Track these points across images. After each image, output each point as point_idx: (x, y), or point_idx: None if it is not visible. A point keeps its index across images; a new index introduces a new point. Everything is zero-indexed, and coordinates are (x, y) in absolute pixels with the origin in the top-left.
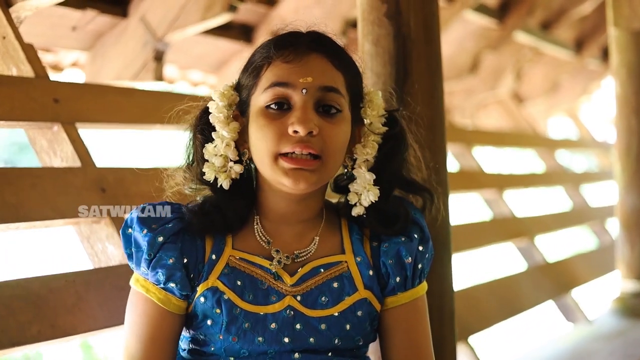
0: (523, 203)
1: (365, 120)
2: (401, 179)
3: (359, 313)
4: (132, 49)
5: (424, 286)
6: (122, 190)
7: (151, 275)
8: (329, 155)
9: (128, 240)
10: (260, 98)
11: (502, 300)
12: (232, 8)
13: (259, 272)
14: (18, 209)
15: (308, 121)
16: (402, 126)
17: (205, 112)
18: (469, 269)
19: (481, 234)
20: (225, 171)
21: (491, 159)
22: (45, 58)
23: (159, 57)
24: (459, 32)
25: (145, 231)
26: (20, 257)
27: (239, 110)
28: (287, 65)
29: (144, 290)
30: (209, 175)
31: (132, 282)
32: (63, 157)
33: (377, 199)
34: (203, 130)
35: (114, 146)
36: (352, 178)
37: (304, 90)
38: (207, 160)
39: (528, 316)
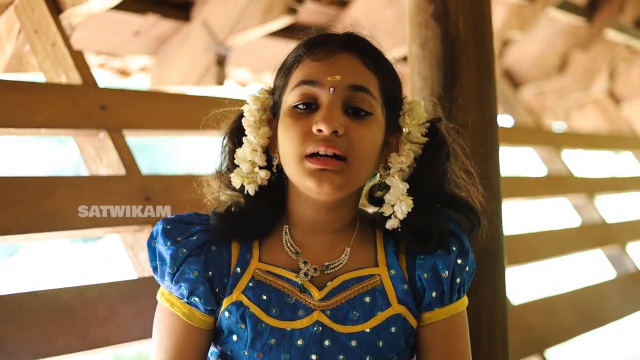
0: (615, 208)
1: (403, 128)
2: (440, 194)
3: (393, 329)
4: (195, 54)
5: (463, 302)
6: (168, 198)
7: (175, 289)
8: (355, 158)
9: (153, 253)
10: (289, 98)
11: (585, 311)
12: (291, 11)
13: (286, 286)
14: (55, 217)
15: (333, 119)
16: (443, 137)
17: (241, 116)
18: (551, 278)
19: (567, 241)
20: (252, 177)
21: (583, 162)
22: (112, 63)
23: (220, 61)
24: (546, 31)
25: (168, 244)
26: (66, 267)
27: (272, 113)
28: (316, 64)
29: (168, 304)
30: (236, 181)
31: (158, 296)
32: (109, 164)
33: (410, 210)
34: (235, 135)
35: (165, 152)
36: (387, 188)
37: (331, 89)
38: (238, 166)
39: (614, 329)
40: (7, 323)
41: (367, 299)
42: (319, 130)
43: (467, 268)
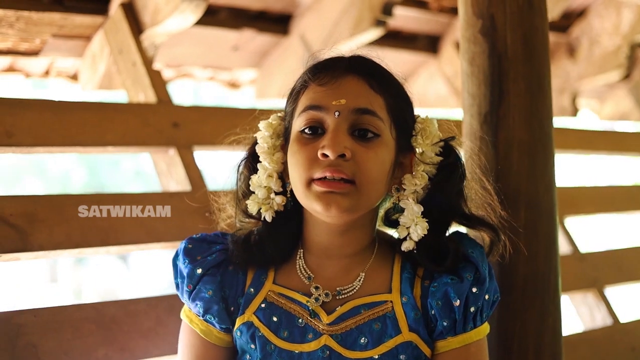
0: None
1: (416, 149)
2: (455, 212)
3: (402, 357)
4: (292, 67)
5: (480, 331)
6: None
7: (193, 307)
8: (363, 180)
9: (176, 270)
10: (296, 123)
11: None
12: (379, 23)
13: (296, 309)
14: (109, 233)
15: (338, 144)
16: (457, 155)
17: (255, 143)
18: None
19: None
20: (268, 203)
21: None
22: (221, 76)
23: None
24: None
25: (186, 262)
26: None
27: (285, 139)
28: (321, 89)
29: (188, 320)
30: (252, 208)
31: (181, 312)
32: (178, 180)
33: (426, 233)
34: (250, 162)
35: None
36: (401, 211)
37: (336, 113)
38: (253, 193)
39: None
40: (47, 335)
41: (377, 325)
42: (325, 155)
43: (487, 296)
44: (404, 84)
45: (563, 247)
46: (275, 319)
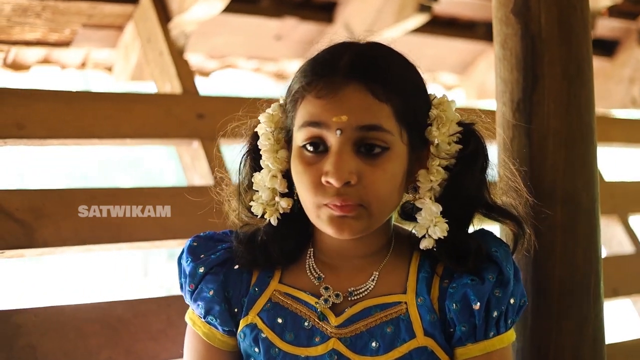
0: None
1: (433, 140)
2: (477, 204)
3: None
4: None
5: (504, 338)
6: None
7: (195, 308)
8: (373, 204)
9: (180, 269)
10: (297, 136)
11: None
12: (424, 8)
13: (303, 310)
14: (120, 229)
15: (341, 171)
16: (479, 143)
17: (256, 134)
18: None
19: None
20: (273, 205)
21: None
22: (267, 67)
23: None
24: None
25: (189, 261)
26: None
27: (287, 134)
28: (320, 102)
29: (192, 323)
30: (257, 210)
31: (186, 315)
32: (202, 174)
33: (445, 235)
34: (252, 157)
35: None
36: (419, 209)
37: (338, 132)
38: (257, 191)
39: None
40: (47, 335)
41: (390, 329)
42: (329, 182)
43: (512, 300)
44: (418, 77)
45: (626, 247)
46: (280, 320)
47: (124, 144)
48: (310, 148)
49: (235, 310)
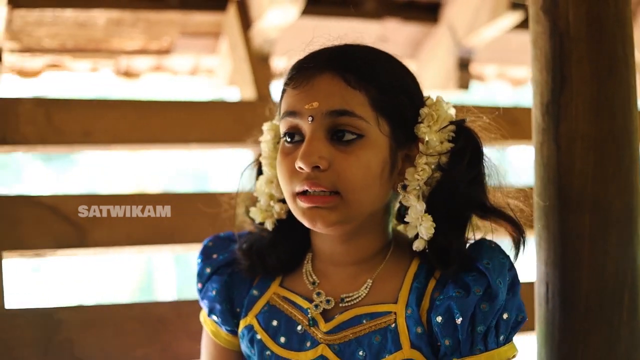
0: None
1: (422, 138)
2: (469, 204)
3: None
4: (441, 58)
5: (494, 354)
6: None
7: (203, 306)
8: (347, 190)
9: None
10: (281, 129)
11: None
12: (516, 6)
13: (297, 314)
14: (174, 230)
15: (310, 155)
16: (467, 138)
17: None
18: None
19: None
20: (269, 211)
21: None
22: None
23: (464, 65)
24: None
25: (200, 260)
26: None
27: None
28: (295, 92)
29: (203, 320)
30: (256, 216)
31: (200, 313)
32: None
33: (432, 232)
34: (258, 166)
35: None
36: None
37: (310, 118)
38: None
39: None
40: (87, 331)
41: (377, 339)
42: (301, 168)
43: (505, 315)
44: (400, 70)
45: None
46: (275, 323)
47: (190, 149)
48: (288, 139)
49: (238, 310)
